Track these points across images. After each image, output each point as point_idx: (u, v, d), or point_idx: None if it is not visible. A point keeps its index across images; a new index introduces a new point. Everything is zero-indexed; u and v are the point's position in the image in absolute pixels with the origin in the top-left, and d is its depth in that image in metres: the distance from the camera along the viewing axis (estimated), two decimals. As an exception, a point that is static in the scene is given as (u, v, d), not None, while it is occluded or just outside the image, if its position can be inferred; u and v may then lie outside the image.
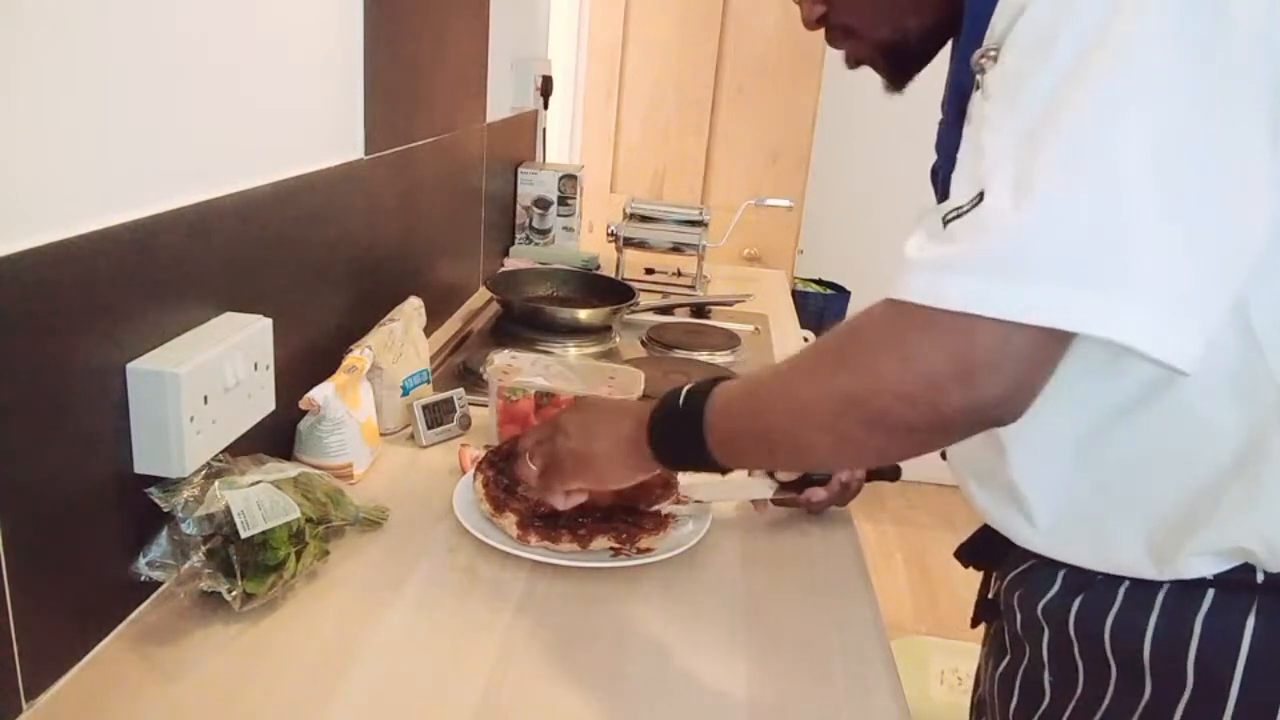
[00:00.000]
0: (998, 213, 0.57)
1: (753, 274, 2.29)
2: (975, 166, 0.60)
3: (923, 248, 0.61)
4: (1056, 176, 0.56)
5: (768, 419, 0.70)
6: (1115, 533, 0.72)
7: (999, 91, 0.61)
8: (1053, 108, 0.57)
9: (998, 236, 0.57)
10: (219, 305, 0.87)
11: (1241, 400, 0.65)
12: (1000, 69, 0.61)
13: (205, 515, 0.78)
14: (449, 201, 1.61)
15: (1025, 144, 0.57)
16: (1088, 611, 0.74)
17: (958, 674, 2.34)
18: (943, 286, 0.58)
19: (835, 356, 0.66)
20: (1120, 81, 0.56)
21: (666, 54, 2.88)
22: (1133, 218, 0.55)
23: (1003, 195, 0.57)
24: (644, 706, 0.74)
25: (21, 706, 0.67)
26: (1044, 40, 0.58)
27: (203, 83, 0.82)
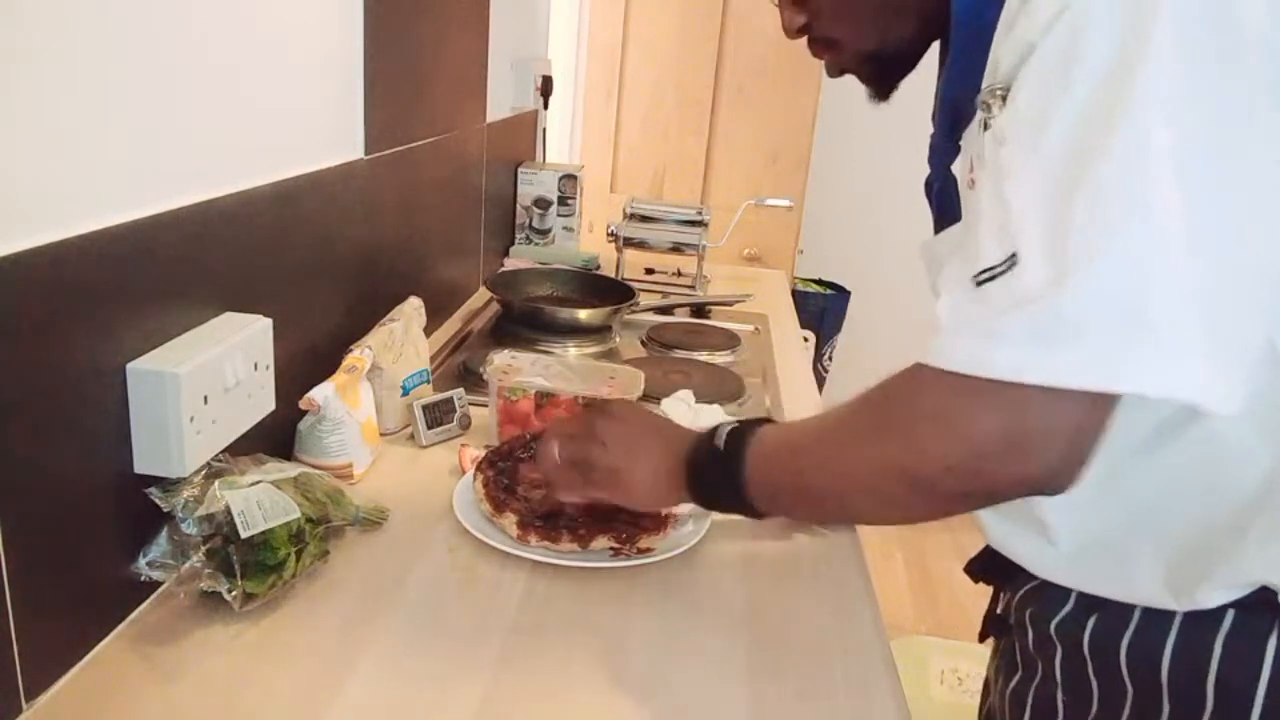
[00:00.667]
0: (1036, 277, 0.55)
1: (753, 274, 2.29)
2: (1003, 221, 0.58)
3: (958, 311, 0.60)
4: (1093, 237, 0.54)
5: (811, 479, 0.71)
6: (1135, 564, 0.70)
7: (1016, 137, 0.59)
8: (1077, 156, 0.56)
9: (1040, 304, 0.55)
10: (219, 305, 0.87)
11: (1266, 432, 0.64)
12: (1013, 111, 0.59)
13: (205, 515, 0.78)
14: (449, 201, 1.61)
15: (1053, 199, 0.56)
16: (1103, 631, 0.73)
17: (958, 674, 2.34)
18: (988, 355, 0.57)
19: (881, 423, 0.66)
20: (1141, 126, 0.54)
21: (666, 54, 2.88)
22: (1171, 270, 0.54)
23: (1038, 258, 0.56)
24: (644, 706, 0.74)
25: (21, 706, 0.67)
26: (1058, 81, 0.57)
27: (203, 83, 0.82)
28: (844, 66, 0.84)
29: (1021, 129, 0.59)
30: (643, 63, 2.90)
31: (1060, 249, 0.55)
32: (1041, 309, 0.55)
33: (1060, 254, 0.55)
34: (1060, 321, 0.55)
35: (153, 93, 0.75)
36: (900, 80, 0.82)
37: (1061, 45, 0.57)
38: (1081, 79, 0.56)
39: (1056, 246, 0.55)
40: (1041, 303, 0.55)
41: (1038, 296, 0.55)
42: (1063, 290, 0.54)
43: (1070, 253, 0.54)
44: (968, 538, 0.90)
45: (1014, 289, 0.56)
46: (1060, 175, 0.56)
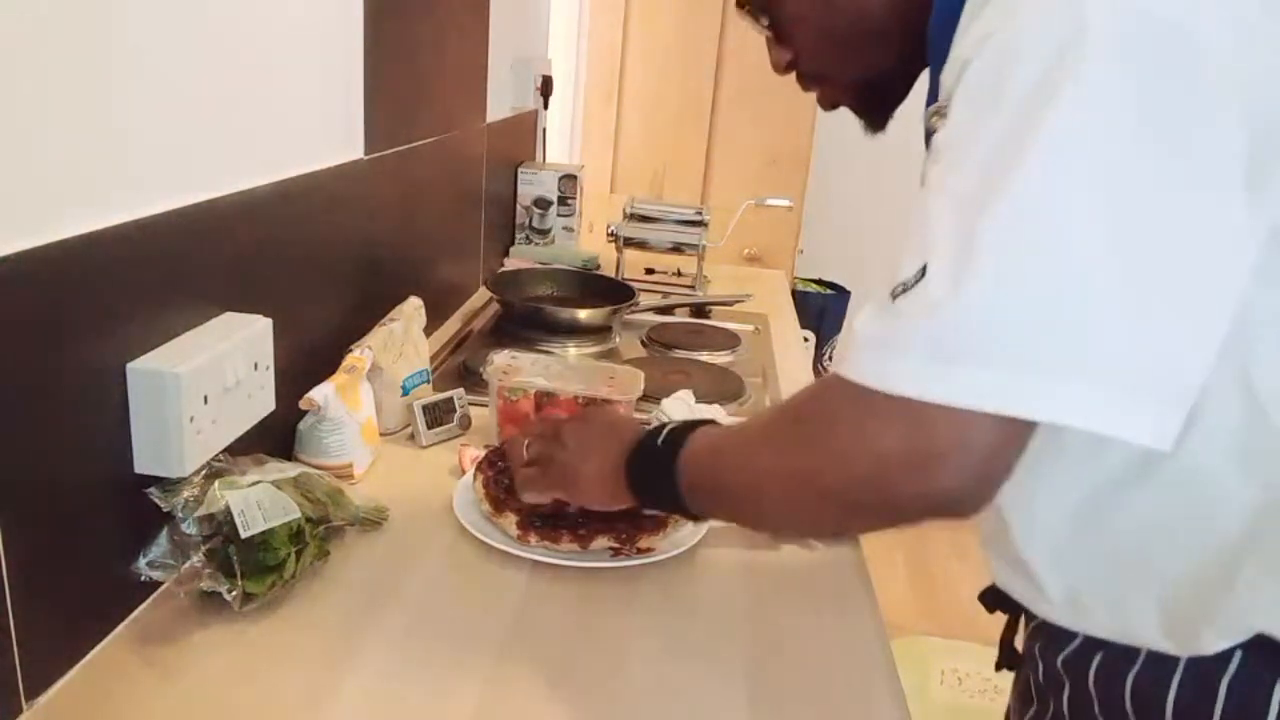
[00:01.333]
0: (939, 288, 0.54)
1: (753, 274, 2.28)
2: (920, 235, 0.57)
3: (870, 322, 0.59)
4: (999, 248, 0.53)
5: (727, 479, 0.71)
6: (1130, 607, 0.68)
7: (944, 152, 0.59)
8: (994, 170, 0.54)
9: (940, 315, 0.54)
10: (219, 305, 0.87)
11: (1249, 467, 0.61)
12: (945, 130, 0.59)
13: (205, 515, 0.78)
14: (449, 201, 1.61)
15: (966, 210, 0.55)
16: (1108, 669, 0.71)
17: (958, 674, 2.34)
18: (889, 368, 0.56)
19: (792, 429, 0.66)
20: (1064, 141, 0.53)
21: (666, 54, 2.88)
22: (1084, 289, 0.52)
23: (944, 269, 0.54)
24: (644, 707, 0.74)
25: (21, 707, 0.67)
26: (987, 97, 0.56)
27: (203, 82, 0.82)
28: (835, 100, 0.84)
29: (949, 148, 0.58)
30: (643, 63, 2.90)
31: (965, 259, 0.54)
32: (941, 320, 0.54)
33: (964, 263, 0.54)
34: (959, 337, 0.54)
35: (152, 92, 0.75)
36: (893, 110, 0.82)
37: (990, 66, 0.57)
38: (1010, 95, 0.55)
39: (962, 256, 0.54)
40: (941, 313, 0.54)
41: (938, 306, 0.54)
42: (964, 302, 0.53)
43: (976, 263, 0.53)
44: (968, 537, 0.90)
45: (919, 300, 0.55)
46: (974, 192, 0.55)
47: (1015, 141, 0.54)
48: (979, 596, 0.86)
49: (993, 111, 0.56)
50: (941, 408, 0.54)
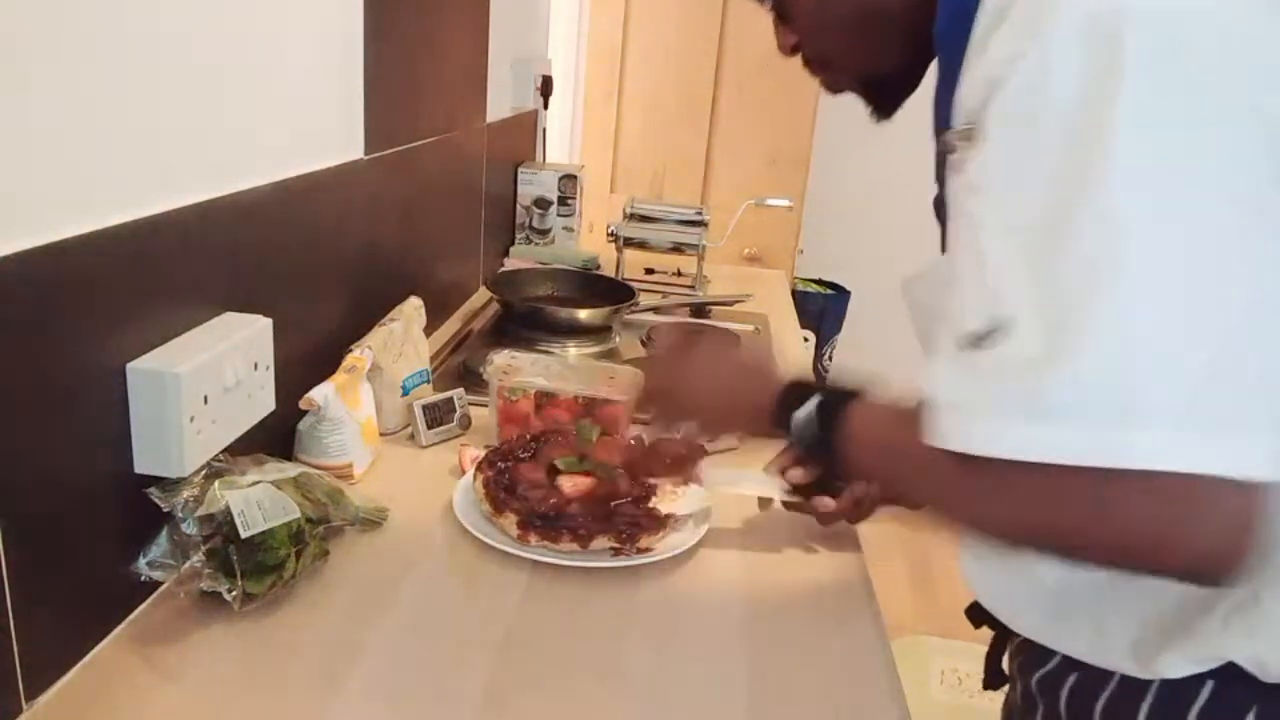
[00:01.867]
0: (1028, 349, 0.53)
1: (753, 274, 2.28)
2: (982, 280, 0.56)
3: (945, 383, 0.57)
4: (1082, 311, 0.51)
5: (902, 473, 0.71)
6: (1107, 630, 0.68)
7: (987, 186, 0.57)
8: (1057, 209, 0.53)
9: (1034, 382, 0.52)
10: (219, 305, 0.87)
11: None
12: (982, 159, 0.57)
13: (205, 515, 0.78)
14: (449, 201, 1.61)
15: (1035, 263, 0.53)
16: (1080, 691, 0.71)
17: (958, 674, 2.34)
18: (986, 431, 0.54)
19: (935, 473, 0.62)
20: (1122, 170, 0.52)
21: (666, 54, 2.88)
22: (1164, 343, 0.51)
23: (1027, 329, 0.53)
24: (644, 707, 0.74)
25: (21, 707, 0.67)
26: (1027, 125, 0.55)
27: (203, 83, 0.82)
28: (840, 85, 0.82)
29: (992, 181, 0.57)
30: (643, 63, 2.90)
31: (1050, 321, 0.52)
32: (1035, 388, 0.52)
33: (1050, 327, 0.52)
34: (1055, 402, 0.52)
35: (152, 92, 0.75)
36: (901, 101, 0.80)
37: (1025, 86, 0.55)
38: (1051, 126, 0.54)
39: (1046, 318, 0.52)
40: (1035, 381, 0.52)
41: (1029, 372, 0.52)
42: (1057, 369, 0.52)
43: (1060, 326, 0.52)
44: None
45: (1004, 356, 0.54)
46: (1039, 238, 0.53)
47: (1067, 183, 0.53)
48: (965, 611, 0.85)
49: (1032, 145, 0.54)
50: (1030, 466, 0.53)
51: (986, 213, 0.57)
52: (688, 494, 1.03)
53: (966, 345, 0.56)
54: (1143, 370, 0.51)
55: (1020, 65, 0.55)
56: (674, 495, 1.02)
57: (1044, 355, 0.52)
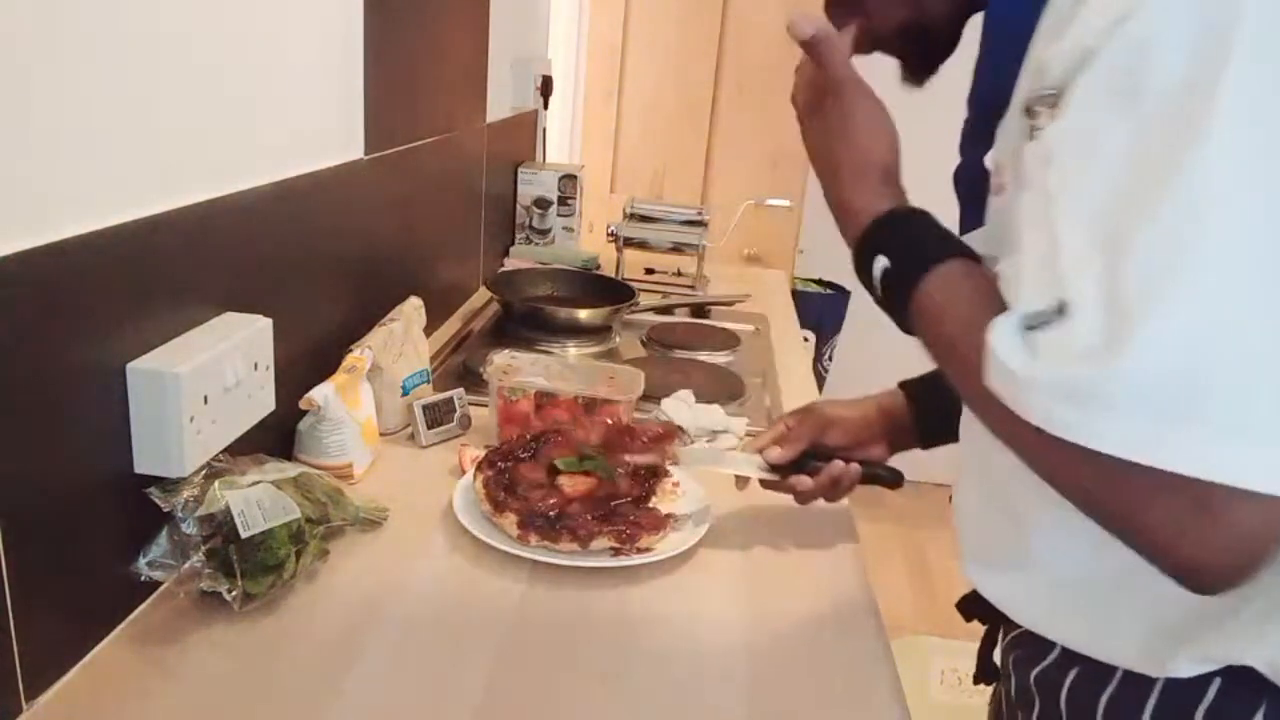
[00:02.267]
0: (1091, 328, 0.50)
1: (753, 274, 2.29)
2: (1049, 257, 0.53)
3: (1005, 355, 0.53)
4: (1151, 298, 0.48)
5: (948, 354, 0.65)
6: (1117, 626, 0.66)
7: (1064, 159, 0.54)
8: (1133, 195, 0.50)
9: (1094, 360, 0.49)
10: (219, 305, 0.87)
11: None
12: (1061, 127, 0.54)
13: (205, 515, 0.78)
14: (449, 201, 1.61)
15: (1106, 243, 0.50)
16: (1082, 687, 0.69)
17: (958, 674, 2.34)
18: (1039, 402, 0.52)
19: None
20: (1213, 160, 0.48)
21: (666, 54, 2.88)
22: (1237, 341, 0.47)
23: (1092, 314, 0.50)
24: (644, 707, 0.74)
25: (21, 707, 0.67)
26: (1115, 101, 0.51)
27: (203, 83, 0.82)
28: (874, 40, 0.76)
29: (1071, 151, 0.53)
30: (643, 63, 2.90)
31: (1114, 307, 0.49)
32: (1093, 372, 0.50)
33: (1114, 313, 0.49)
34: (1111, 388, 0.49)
35: (152, 92, 0.75)
36: (939, 64, 0.75)
37: (1122, 59, 0.51)
38: (1142, 102, 0.50)
39: (1110, 303, 0.49)
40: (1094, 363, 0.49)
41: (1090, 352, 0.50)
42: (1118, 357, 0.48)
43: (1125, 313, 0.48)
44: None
45: (1064, 334, 0.51)
46: (1114, 215, 0.50)
47: (1156, 155, 0.49)
48: (956, 604, 0.84)
49: (1123, 116, 0.51)
50: None
51: (1059, 188, 0.53)
52: (687, 494, 1.03)
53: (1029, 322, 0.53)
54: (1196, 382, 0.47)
55: (1116, 35, 0.51)
56: (674, 495, 1.02)
57: (1104, 347, 0.49)
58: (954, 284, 0.66)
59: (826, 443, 0.99)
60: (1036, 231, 0.54)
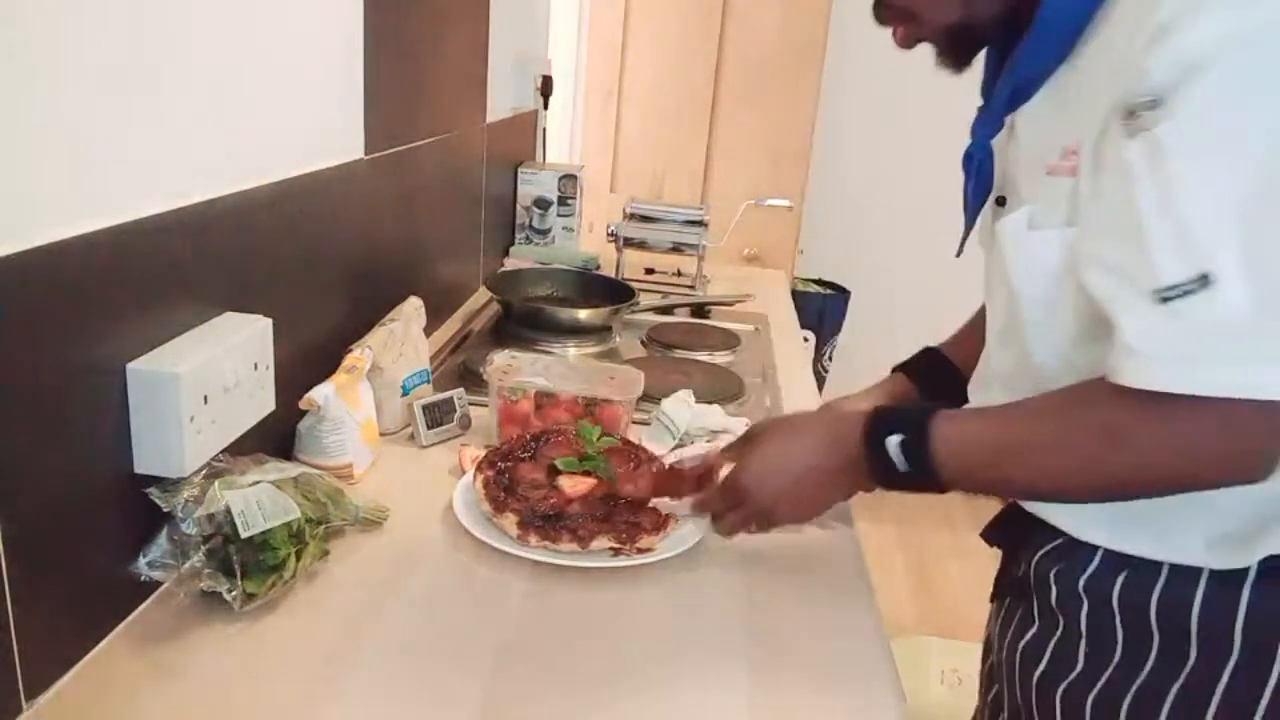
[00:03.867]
0: (1239, 299, 0.60)
1: (753, 274, 2.28)
2: (1182, 237, 0.61)
3: (1154, 333, 0.63)
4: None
5: (1013, 475, 0.76)
6: (1181, 525, 0.74)
7: (1190, 156, 0.62)
8: (1269, 180, 0.59)
9: (1252, 330, 0.60)
10: (219, 305, 0.87)
11: None
12: (1178, 128, 0.62)
13: (205, 515, 0.78)
14: (449, 201, 1.61)
15: (1246, 220, 0.60)
16: (1133, 586, 0.76)
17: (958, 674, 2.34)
18: (1204, 376, 0.62)
19: (1088, 439, 0.70)
20: None
21: (666, 54, 2.88)
22: None
23: (1237, 280, 0.60)
24: (644, 707, 0.74)
25: (21, 706, 0.67)
26: (1242, 105, 0.60)
27: (203, 83, 0.82)
28: (919, 38, 0.81)
29: (1195, 148, 0.62)
30: (643, 63, 2.90)
31: (1260, 271, 0.60)
32: (1255, 335, 0.61)
33: (1261, 276, 0.60)
34: (1272, 351, 0.60)
35: (152, 93, 0.75)
36: (977, 53, 0.81)
37: (1241, 71, 0.60)
38: (1270, 106, 0.60)
39: (1256, 269, 0.60)
40: (1253, 329, 0.60)
41: (1246, 321, 0.60)
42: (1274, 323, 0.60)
43: (1271, 280, 0.59)
44: (968, 538, 0.90)
45: (1216, 310, 0.61)
46: (1252, 197, 0.60)
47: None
48: (980, 533, 0.92)
49: (1254, 119, 0.60)
50: (1248, 403, 0.61)
51: (1186, 179, 0.62)
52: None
53: (1166, 297, 0.62)
54: None
55: (1231, 52, 0.60)
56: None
57: (1253, 310, 0.60)
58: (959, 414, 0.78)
59: None
60: (1160, 218, 0.62)
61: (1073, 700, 0.80)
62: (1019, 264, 0.77)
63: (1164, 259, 0.62)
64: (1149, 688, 0.76)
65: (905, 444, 0.77)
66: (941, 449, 0.76)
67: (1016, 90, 0.76)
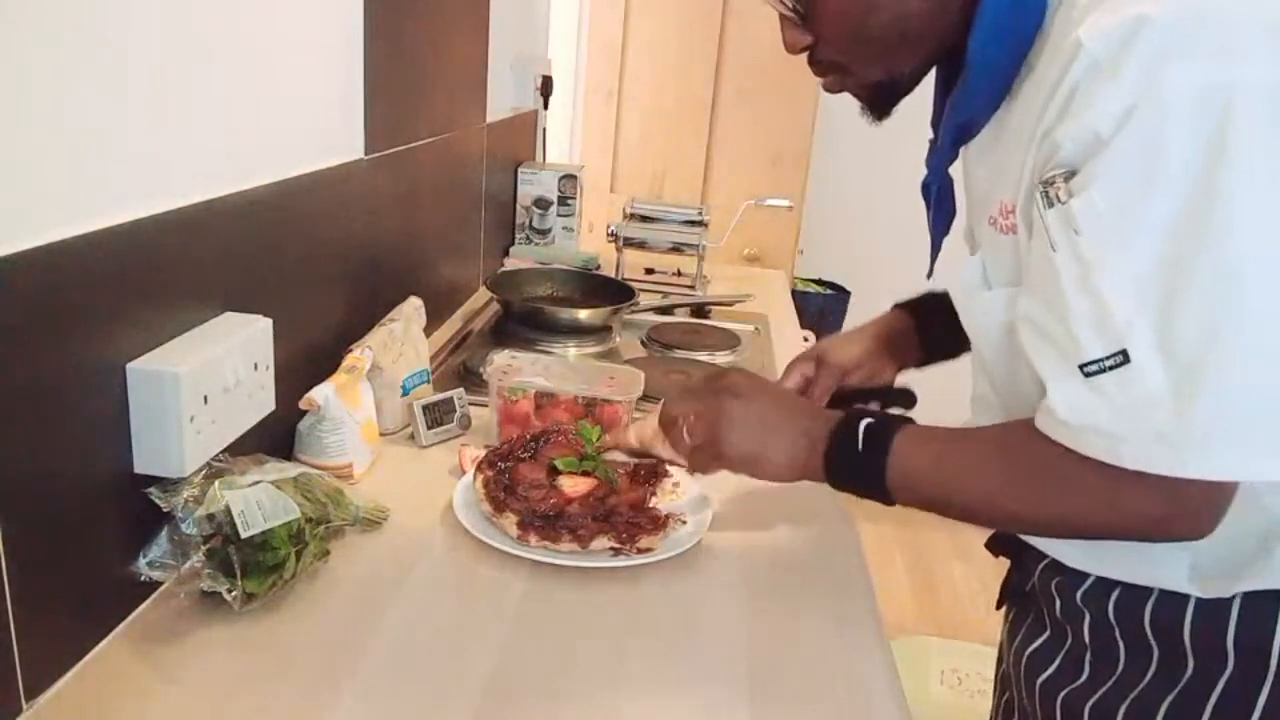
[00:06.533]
0: (1156, 380, 0.61)
1: (753, 274, 2.29)
2: (1100, 316, 0.63)
3: (1078, 402, 0.65)
4: (1203, 345, 0.60)
5: (953, 497, 0.76)
6: (1162, 567, 0.75)
7: (1099, 231, 0.62)
8: (1172, 260, 0.60)
9: (1169, 413, 0.61)
10: (219, 305, 0.87)
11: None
12: (1090, 203, 0.62)
13: (205, 515, 0.78)
14: (449, 201, 1.61)
15: (1155, 301, 0.61)
16: (1126, 603, 0.77)
17: (958, 674, 2.34)
18: (1126, 451, 0.63)
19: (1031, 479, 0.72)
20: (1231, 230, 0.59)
21: (666, 54, 2.88)
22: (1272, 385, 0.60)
23: (1154, 362, 0.61)
24: (644, 707, 0.74)
25: (21, 707, 0.67)
26: (1141, 181, 0.61)
27: (202, 83, 0.82)
28: (845, 88, 0.83)
29: (1106, 225, 0.62)
30: (643, 63, 2.90)
31: (1173, 354, 0.61)
32: (1172, 420, 0.61)
33: (1175, 360, 0.61)
34: (1192, 430, 0.61)
35: (152, 93, 0.75)
36: (898, 103, 0.82)
37: (1139, 146, 0.60)
38: (1167, 182, 0.60)
39: (1169, 351, 0.61)
40: (1170, 412, 0.61)
41: (1165, 399, 0.61)
42: (1190, 404, 0.61)
43: (1184, 360, 0.60)
44: (967, 538, 0.90)
45: (1135, 387, 0.62)
46: (1162, 274, 0.61)
47: (1186, 226, 0.59)
48: (986, 543, 0.93)
49: (1153, 194, 0.60)
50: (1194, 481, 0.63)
51: (1097, 256, 0.63)
52: (687, 494, 1.03)
53: (1088, 371, 0.64)
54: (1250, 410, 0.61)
55: (1129, 125, 0.60)
56: (674, 495, 1.02)
57: (1170, 389, 0.61)
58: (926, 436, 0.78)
59: (849, 385, 1.04)
60: (1081, 293, 0.64)
61: (1071, 706, 0.81)
62: (973, 315, 0.79)
63: (1085, 334, 0.63)
64: (1145, 697, 0.76)
65: (871, 427, 0.78)
66: (900, 446, 0.77)
67: (960, 130, 0.78)
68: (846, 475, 0.80)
